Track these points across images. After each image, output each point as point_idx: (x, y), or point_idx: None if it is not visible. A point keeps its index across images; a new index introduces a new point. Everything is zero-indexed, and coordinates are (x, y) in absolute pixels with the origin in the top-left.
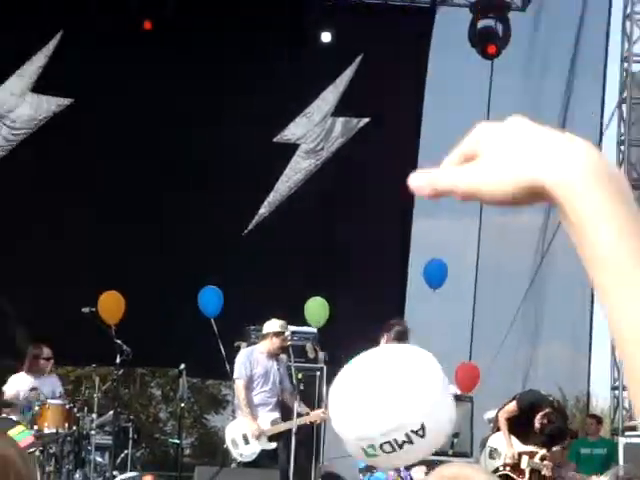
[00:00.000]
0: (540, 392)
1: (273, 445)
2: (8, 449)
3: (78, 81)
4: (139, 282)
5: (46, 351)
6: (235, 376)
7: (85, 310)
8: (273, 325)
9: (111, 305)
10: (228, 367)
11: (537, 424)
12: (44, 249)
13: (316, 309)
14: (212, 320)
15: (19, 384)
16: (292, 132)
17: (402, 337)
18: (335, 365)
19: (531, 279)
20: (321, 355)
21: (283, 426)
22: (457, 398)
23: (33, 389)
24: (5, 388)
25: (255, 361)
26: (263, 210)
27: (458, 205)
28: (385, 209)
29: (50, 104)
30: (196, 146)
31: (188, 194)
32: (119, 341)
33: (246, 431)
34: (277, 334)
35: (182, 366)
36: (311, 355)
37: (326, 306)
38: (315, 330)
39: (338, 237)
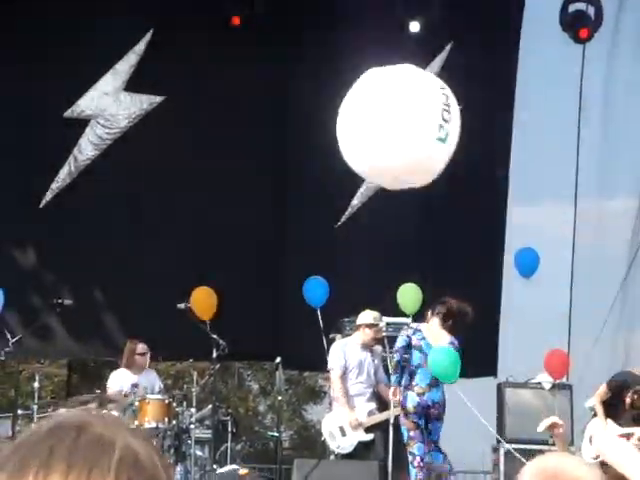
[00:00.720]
0: (631, 372)
1: (370, 436)
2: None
3: (170, 79)
4: (232, 277)
5: (141, 346)
6: (330, 367)
7: (180, 306)
8: (366, 317)
9: (203, 301)
10: (328, 358)
11: (627, 399)
12: (138, 247)
13: (408, 295)
14: (318, 311)
15: (121, 380)
16: None
17: (446, 318)
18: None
19: (629, 264)
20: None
21: (379, 417)
22: (555, 387)
23: (134, 385)
24: (109, 384)
25: (349, 353)
26: (356, 201)
27: (554, 190)
28: (480, 195)
29: (143, 102)
30: (291, 144)
31: (283, 191)
32: (215, 336)
33: (343, 423)
34: (370, 325)
35: (278, 359)
36: None
37: (418, 292)
38: (409, 320)
39: (433, 225)
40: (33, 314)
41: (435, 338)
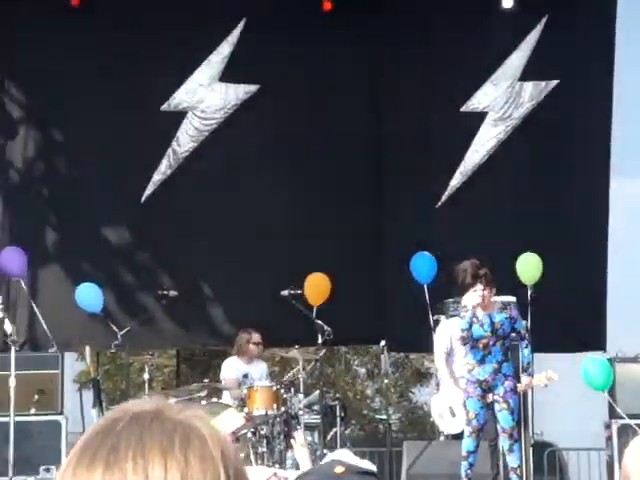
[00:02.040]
0: None
1: None
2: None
3: (264, 66)
4: (332, 261)
5: (255, 336)
6: (436, 349)
7: (285, 293)
8: (472, 298)
9: (318, 286)
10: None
11: None
12: (242, 233)
13: (529, 264)
14: (425, 287)
15: (235, 368)
16: (479, 100)
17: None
18: (539, 332)
19: None
20: (522, 323)
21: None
22: None
23: (245, 375)
24: (224, 373)
25: (455, 334)
26: (455, 182)
27: None
28: (578, 170)
29: (238, 92)
30: (386, 128)
31: (381, 176)
32: (320, 322)
33: (452, 403)
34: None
35: (382, 342)
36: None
37: (539, 261)
38: (514, 299)
39: (533, 202)
40: (140, 306)
41: (484, 307)
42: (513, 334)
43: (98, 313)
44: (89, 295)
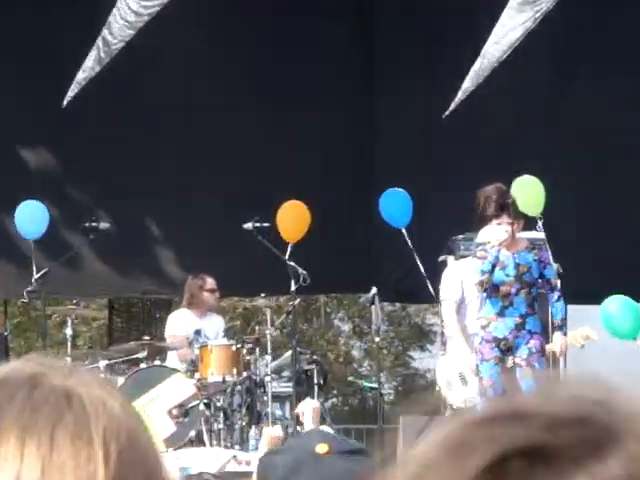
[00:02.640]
0: None
1: None
2: (111, 401)
3: None
4: (311, 191)
5: (210, 281)
6: (442, 298)
7: (248, 226)
8: (497, 233)
9: (295, 218)
10: (431, 288)
11: None
12: (193, 151)
13: (526, 190)
14: (404, 231)
15: (184, 323)
16: None
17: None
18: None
19: None
20: (554, 269)
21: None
22: None
23: (197, 332)
24: (169, 329)
25: (467, 280)
26: (468, 84)
27: None
28: (632, 62)
29: None
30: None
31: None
32: (293, 263)
33: (463, 368)
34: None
35: (374, 290)
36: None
37: (538, 186)
38: (543, 236)
39: (569, 103)
40: (61, 242)
41: (508, 245)
42: (541, 281)
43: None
44: (32, 216)
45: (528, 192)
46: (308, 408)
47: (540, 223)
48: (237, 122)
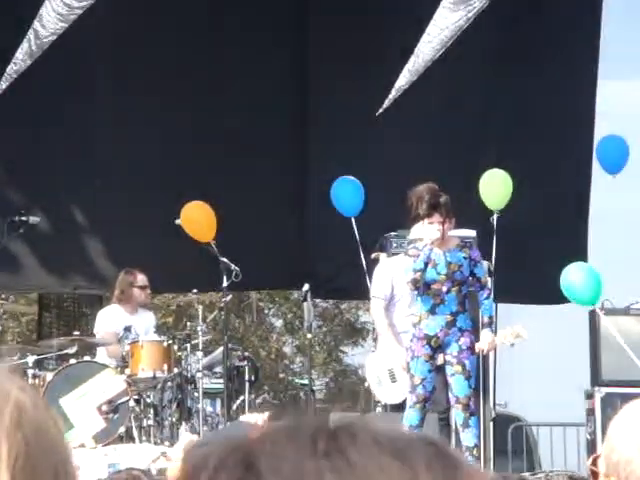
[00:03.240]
0: None
1: None
2: (17, 392)
3: None
4: (244, 183)
5: (140, 278)
6: (372, 295)
7: (179, 222)
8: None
9: (197, 219)
10: (369, 284)
11: None
12: (127, 151)
13: (495, 185)
14: (353, 220)
15: (114, 319)
16: None
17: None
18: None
19: None
20: (484, 267)
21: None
22: None
23: (127, 328)
24: (98, 324)
25: (397, 278)
26: (402, 81)
27: None
28: (562, 65)
29: None
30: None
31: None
32: (225, 259)
33: (392, 365)
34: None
35: (306, 287)
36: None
37: (508, 182)
38: (474, 234)
39: (501, 103)
40: None
41: (440, 243)
42: (471, 279)
43: None
44: None
45: (495, 187)
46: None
47: (495, 217)
48: (171, 120)
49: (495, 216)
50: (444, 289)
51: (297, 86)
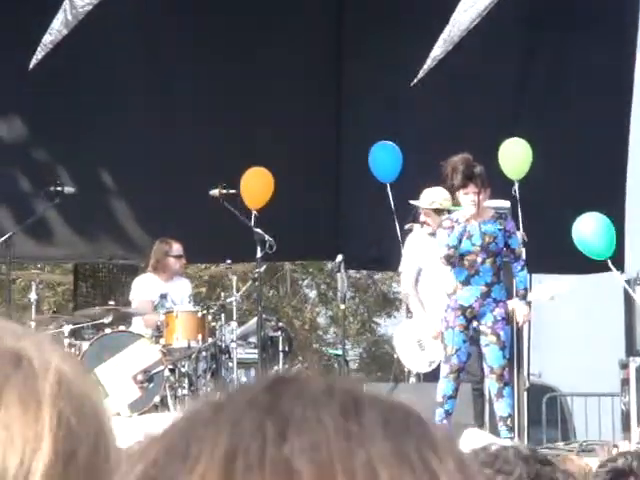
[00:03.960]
0: None
1: None
2: (58, 361)
3: None
4: (277, 156)
5: (176, 247)
6: (401, 267)
7: (214, 192)
8: (434, 195)
9: (258, 185)
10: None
11: None
12: (162, 120)
13: (514, 153)
14: (388, 187)
15: (149, 288)
16: None
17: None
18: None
19: None
20: (518, 239)
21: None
22: None
23: (163, 296)
24: (134, 293)
25: (425, 249)
26: (437, 51)
27: None
28: (599, 33)
29: None
30: None
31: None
32: (259, 230)
33: (421, 335)
34: (438, 211)
35: (339, 258)
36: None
37: (527, 149)
38: (508, 205)
39: (538, 68)
40: (25, 206)
41: (475, 215)
42: (506, 250)
43: None
44: None
45: (514, 155)
46: None
47: (516, 187)
48: (204, 89)
49: (516, 186)
50: (479, 260)
51: (331, 70)
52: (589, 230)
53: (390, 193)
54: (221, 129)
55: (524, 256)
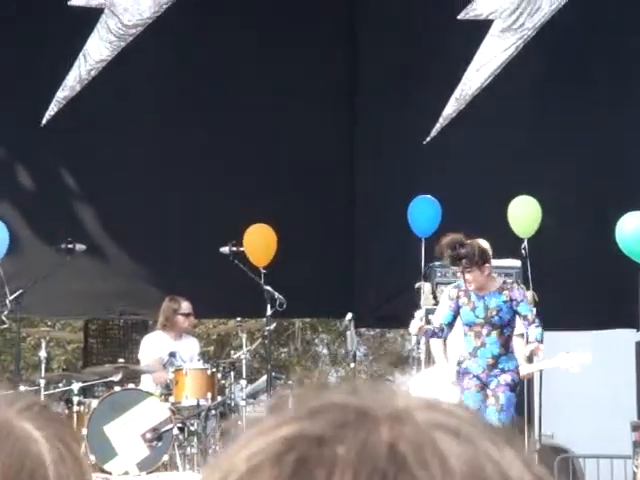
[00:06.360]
0: None
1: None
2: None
3: None
4: (290, 210)
5: (185, 305)
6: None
7: (224, 250)
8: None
9: (260, 242)
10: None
11: None
12: (172, 176)
13: (523, 212)
14: (423, 241)
15: (159, 345)
16: (482, 5)
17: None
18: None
19: None
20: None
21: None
22: None
23: (172, 354)
24: (143, 351)
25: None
26: (450, 110)
27: None
28: (620, 91)
29: None
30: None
31: (353, 103)
32: (269, 288)
33: (440, 381)
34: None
35: (349, 316)
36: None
37: (536, 207)
38: (519, 264)
39: (549, 127)
40: (37, 262)
41: (479, 288)
42: (518, 319)
43: None
44: None
45: (522, 214)
46: None
47: (525, 245)
48: (212, 144)
49: (525, 243)
50: (484, 332)
51: (343, 126)
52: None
53: (424, 247)
54: (234, 186)
55: (537, 319)
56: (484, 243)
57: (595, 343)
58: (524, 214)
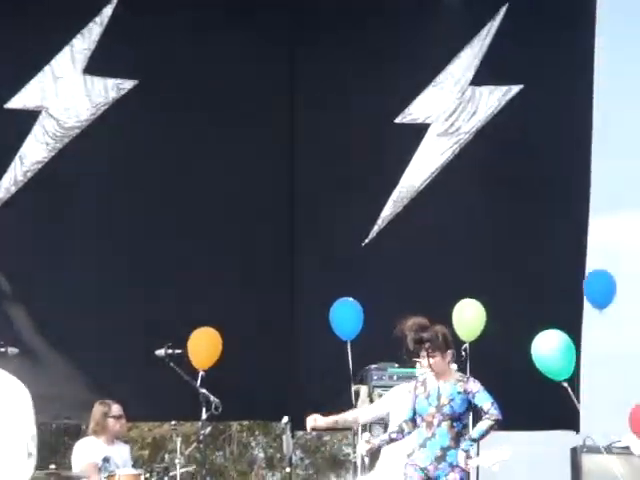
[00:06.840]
0: None
1: None
2: None
3: (142, 58)
4: (225, 313)
5: (115, 408)
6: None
7: (160, 353)
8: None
9: (204, 346)
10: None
11: None
12: (104, 277)
13: (468, 315)
14: (348, 344)
15: (92, 451)
16: (419, 109)
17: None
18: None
19: None
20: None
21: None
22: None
23: (106, 459)
24: (76, 457)
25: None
26: (387, 212)
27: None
28: (554, 198)
29: (108, 88)
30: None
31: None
32: (205, 391)
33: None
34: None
35: (285, 419)
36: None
37: (482, 312)
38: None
39: (490, 234)
40: None
41: (438, 374)
42: (475, 410)
43: None
44: None
45: (465, 317)
46: None
47: (466, 347)
48: (158, 245)
49: (467, 345)
50: (435, 422)
51: (285, 199)
52: (549, 348)
53: (349, 351)
54: (172, 289)
55: (494, 411)
56: (446, 329)
57: (532, 443)
58: (468, 318)
